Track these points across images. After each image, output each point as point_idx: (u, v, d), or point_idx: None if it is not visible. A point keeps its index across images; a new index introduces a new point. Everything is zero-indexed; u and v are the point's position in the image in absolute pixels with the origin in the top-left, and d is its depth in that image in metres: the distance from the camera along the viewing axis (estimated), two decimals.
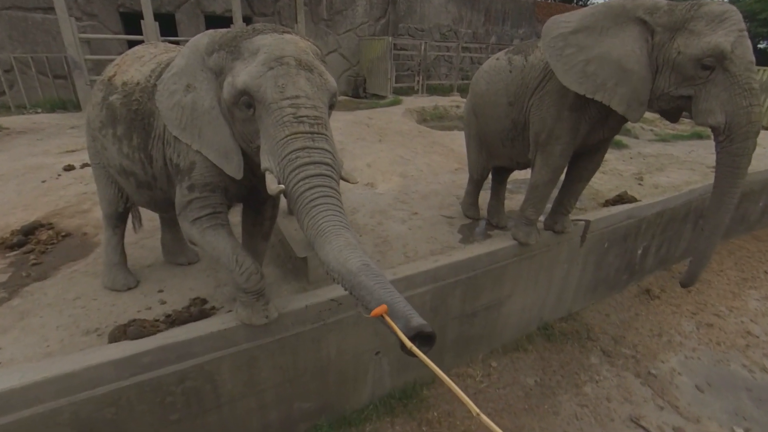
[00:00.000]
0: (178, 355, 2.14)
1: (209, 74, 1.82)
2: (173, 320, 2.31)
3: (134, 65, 2.20)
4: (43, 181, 4.29)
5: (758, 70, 8.25)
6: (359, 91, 11.69)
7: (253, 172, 1.98)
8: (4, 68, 8.00)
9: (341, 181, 1.68)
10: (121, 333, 2.16)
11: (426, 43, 11.85)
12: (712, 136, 2.40)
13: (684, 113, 2.52)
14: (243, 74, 1.63)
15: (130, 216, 2.89)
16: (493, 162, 3.55)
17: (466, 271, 3.10)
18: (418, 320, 1.21)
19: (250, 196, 2.27)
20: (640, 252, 4.56)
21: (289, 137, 1.57)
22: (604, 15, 2.45)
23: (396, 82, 11.50)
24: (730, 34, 2.17)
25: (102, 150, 2.31)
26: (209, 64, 1.81)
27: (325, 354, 2.66)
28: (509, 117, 3.02)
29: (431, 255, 3.14)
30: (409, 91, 11.98)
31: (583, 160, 3.05)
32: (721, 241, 5.74)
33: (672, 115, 2.58)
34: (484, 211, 3.94)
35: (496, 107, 3.08)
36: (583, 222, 3.72)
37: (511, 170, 3.68)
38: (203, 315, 2.36)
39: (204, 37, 1.86)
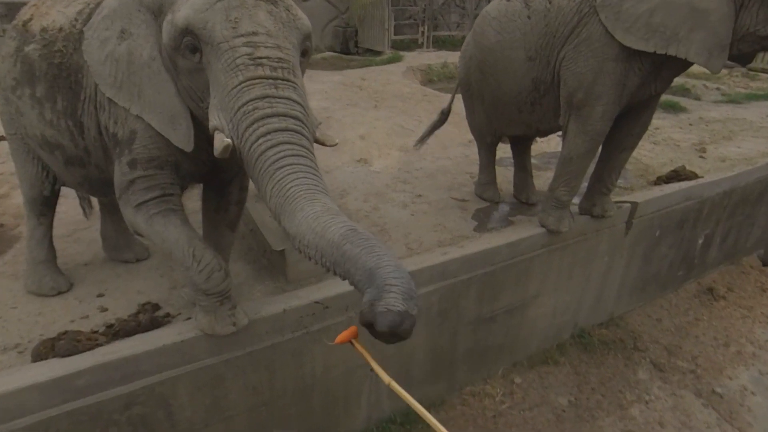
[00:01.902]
0: (123, 375, 2.13)
1: (147, 15, 1.78)
2: (116, 331, 2.30)
3: (56, 6, 2.15)
4: None
5: None
6: (349, 46, 11.62)
7: (211, 143, 1.93)
8: None
9: (317, 150, 1.63)
10: (49, 349, 2.14)
11: None
12: None
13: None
14: (185, 8, 1.58)
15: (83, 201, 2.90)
16: (504, 130, 3.54)
17: (483, 266, 3.09)
18: (388, 302, 1.16)
19: (210, 175, 2.24)
20: (700, 242, 4.55)
21: (243, 84, 1.52)
22: None
23: (395, 34, 11.41)
24: None
25: (18, 116, 2.27)
26: (146, 2, 1.77)
27: (308, 370, 2.66)
28: (529, 75, 2.99)
29: (439, 246, 3.14)
30: (412, 45, 11.89)
31: (627, 122, 3.01)
32: None
33: (746, 58, 2.59)
34: (503, 191, 3.92)
35: (511, 63, 3.05)
36: (628, 204, 3.70)
37: (533, 137, 3.67)
38: (154, 324, 2.36)
39: None
